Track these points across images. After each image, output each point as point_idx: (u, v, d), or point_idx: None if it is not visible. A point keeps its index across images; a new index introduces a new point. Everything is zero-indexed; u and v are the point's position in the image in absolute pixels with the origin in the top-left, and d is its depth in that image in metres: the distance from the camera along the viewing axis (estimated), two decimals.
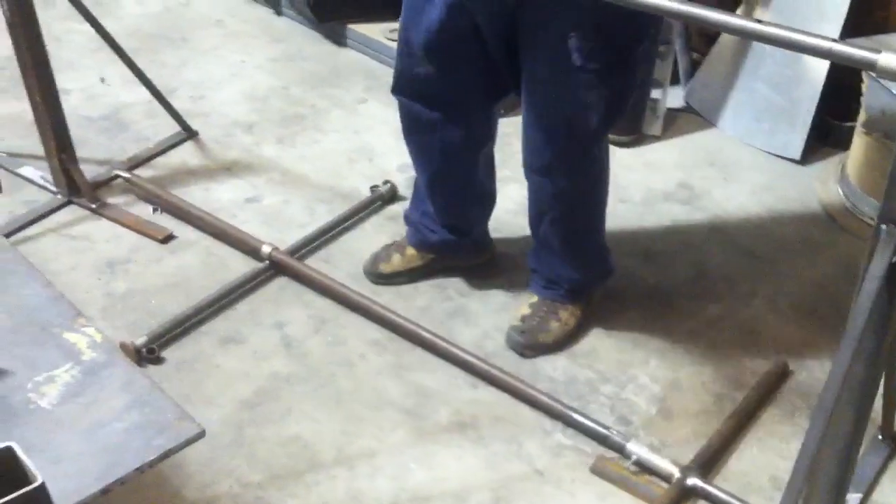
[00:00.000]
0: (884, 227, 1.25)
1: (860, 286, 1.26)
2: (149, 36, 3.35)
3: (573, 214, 2.06)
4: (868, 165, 2.46)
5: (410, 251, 2.33)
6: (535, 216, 2.10)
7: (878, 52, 1.18)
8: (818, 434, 1.31)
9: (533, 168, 2.00)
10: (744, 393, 2.01)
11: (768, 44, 1.33)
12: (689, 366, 2.12)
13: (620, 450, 1.86)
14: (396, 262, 2.33)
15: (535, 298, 2.19)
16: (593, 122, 1.86)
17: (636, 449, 1.85)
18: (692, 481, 1.79)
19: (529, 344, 2.13)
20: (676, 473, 1.79)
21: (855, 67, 1.24)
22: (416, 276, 2.33)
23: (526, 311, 2.17)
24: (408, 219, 2.35)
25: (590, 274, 2.18)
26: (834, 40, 1.23)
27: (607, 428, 1.90)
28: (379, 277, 2.33)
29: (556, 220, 2.05)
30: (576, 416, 1.93)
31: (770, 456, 1.91)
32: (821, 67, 2.56)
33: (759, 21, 1.31)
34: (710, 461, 1.86)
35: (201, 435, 1.12)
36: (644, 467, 1.83)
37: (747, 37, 1.28)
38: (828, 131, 2.72)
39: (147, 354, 2.07)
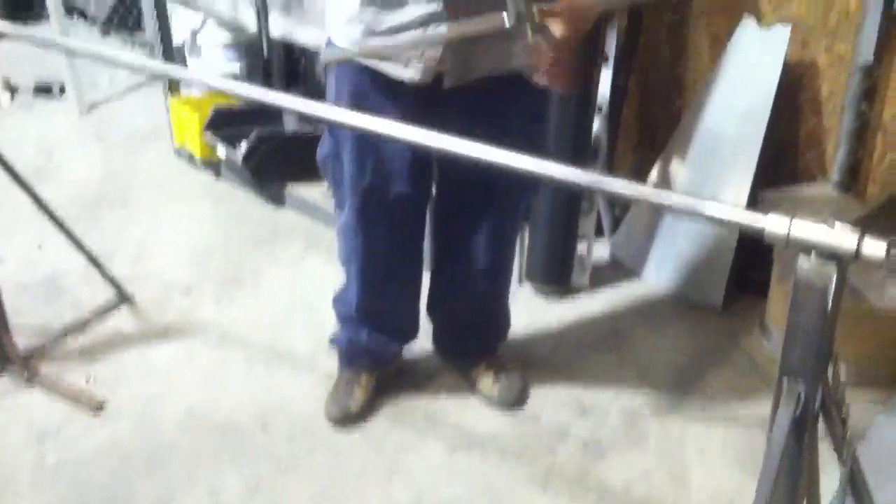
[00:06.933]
0: (785, 379, 1.30)
1: (769, 439, 1.31)
2: (90, 200, 3.41)
3: None
4: (786, 314, 2.55)
5: (365, 378, 2.41)
6: None
7: (765, 215, 1.26)
8: None
9: None
10: None
11: (669, 211, 1.42)
12: None
13: None
14: (360, 397, 2.40)
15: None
16: None
17: None
18: None
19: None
20: None
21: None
22: (375, 401, 2.43)
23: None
24: (350, 351, 2.42)
25: None
26: (726, 207, 1.32)
27: None
28: (355, 418, 2.38)
29: None
30: None
31: None
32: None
33: (660, 189, 1.41)
34: None
35: None
36: None
37: (650, 205, 1.37)
38: (746, 280, 2.82)
39: None
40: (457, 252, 2.29)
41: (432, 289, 2.46)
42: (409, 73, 1.89)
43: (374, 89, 1.96)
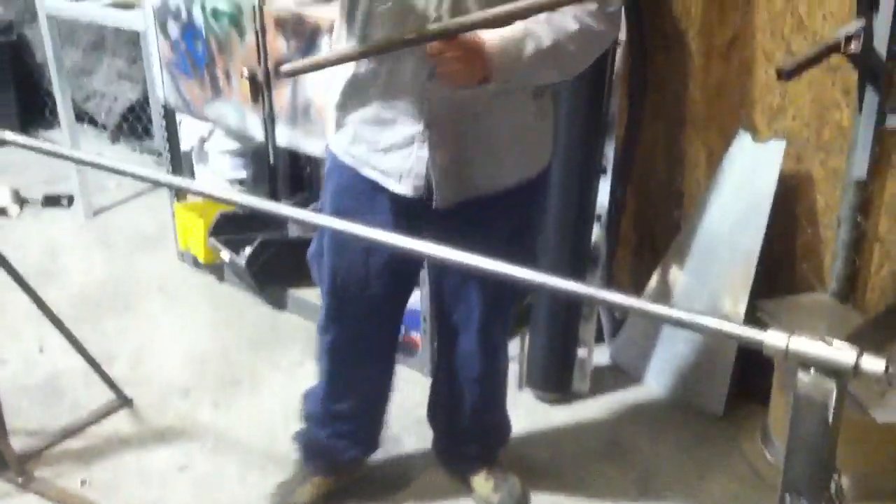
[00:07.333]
0: (788, 496, 1.29)
1: None
2: (92, 302, 3.43)
3: None
4: (787, 422, 2.53)
5: (320, 480, 2.39)
6: None
7: (764, 331, 1.28)
8: None
9: None
10: None
11: (667, 323, 1.44)
12: None
13: None
14: (308, 495, 2.37)
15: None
16: None
17: None
18: None
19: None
20: None
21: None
22: None
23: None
24: (308, 449, 2.41)
25: None
26: (725, 322, 1.34)
27: None
28: None
29: None
30: None
31: None
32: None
33: (660, 304, 1.43)
34: None
35: None
36: None
37: (647, 317, 1.39)
38: (747, 386, 2.81)
39: None
40: (449, 360, 2.30)
41: (431, 396, 2.47)
42: (401, 188, 1.95)
43: (362, 188, 2.01)
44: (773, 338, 1.24)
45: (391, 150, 1.93)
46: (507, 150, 1.96)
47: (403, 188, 1.95)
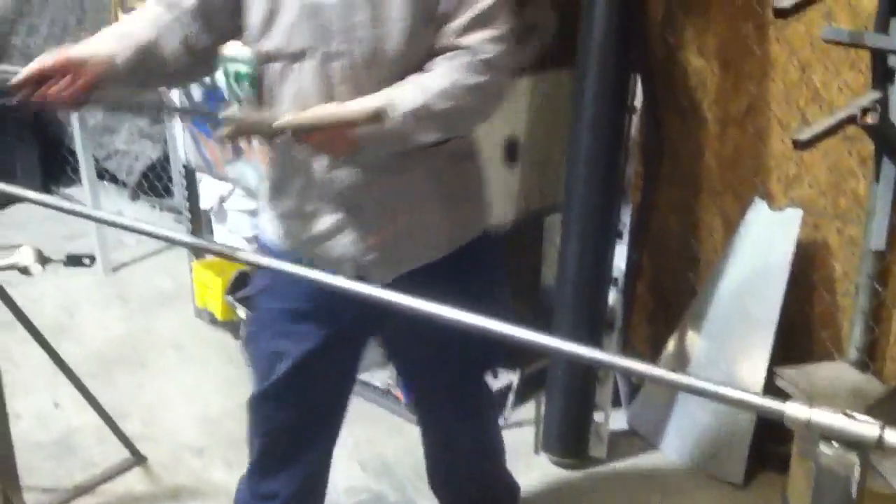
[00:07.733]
0: None
1: None
2: (108, 359, 3.44)
3: None
4: (808, 491, 2.50)
5: None
6: None
7: (785, 402, 1.28)
8: None
9: None
10: None
11: (686, 392, 1.43)
12: None
13: None
14: None
15: None
16: None
17: None
18: None
19: None
20: None
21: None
22: None
23: None
24: None
25: None
26: (744, 392, 1.33)
27: None
28: None
29: None
30: None
31: None
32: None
33: (677, 373, 1.42)
34: None
35: None
36: None
37: (666, 386, 1.39)
38: (767, 453, 2.79)
39: None
40: (430, 431, 2.27)
41: (426, 467, 2.39)
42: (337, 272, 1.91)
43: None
44: (794, 409, 1.23)
45: (319, 240, 1.91)
46: (431, 219, 1.91)
47: (339, 272, 1.92)
